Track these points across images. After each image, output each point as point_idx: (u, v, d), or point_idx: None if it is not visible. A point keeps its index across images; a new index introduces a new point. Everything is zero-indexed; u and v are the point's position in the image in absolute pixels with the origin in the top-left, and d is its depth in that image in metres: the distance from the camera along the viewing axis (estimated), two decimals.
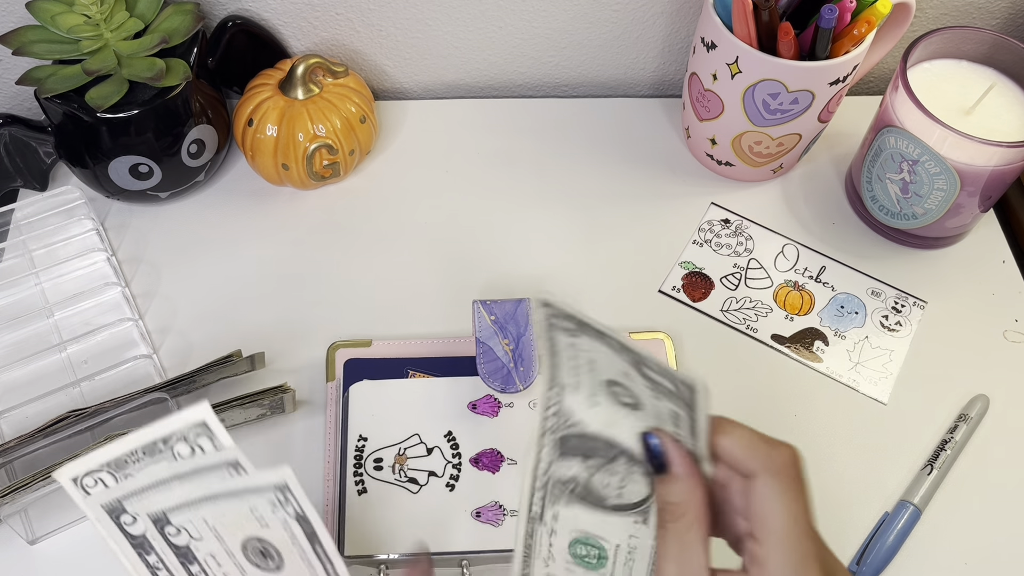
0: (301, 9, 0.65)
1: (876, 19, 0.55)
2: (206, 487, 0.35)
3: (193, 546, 0.37)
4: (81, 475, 0.36)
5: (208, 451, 0.35)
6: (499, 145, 0.68)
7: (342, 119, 0.61)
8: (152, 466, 0.35)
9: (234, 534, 0.36)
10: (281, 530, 0.36)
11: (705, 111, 0.62)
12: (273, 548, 0.37)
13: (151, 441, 0.35)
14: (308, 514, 0.35)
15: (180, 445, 0.35)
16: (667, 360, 0.56)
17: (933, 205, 0.58)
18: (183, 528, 0.36)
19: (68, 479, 0.36)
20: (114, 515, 0.36)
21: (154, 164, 0.59)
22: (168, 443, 0.35)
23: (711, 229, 0.64)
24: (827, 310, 0.60)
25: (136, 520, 0.36)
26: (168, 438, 0.35)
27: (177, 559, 0.37)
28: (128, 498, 0.36)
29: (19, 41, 0.55)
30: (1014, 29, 0.70)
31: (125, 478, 0.36)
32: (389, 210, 0.64)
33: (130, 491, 0.35)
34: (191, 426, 0.35)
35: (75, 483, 0.36)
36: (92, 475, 0.36)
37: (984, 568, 0.50)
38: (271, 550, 0.37)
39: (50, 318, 0.58)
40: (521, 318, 0.54)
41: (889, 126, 0.57)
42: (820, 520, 0.51)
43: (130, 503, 0.36)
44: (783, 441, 0.34)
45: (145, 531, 0.36)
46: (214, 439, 0.35)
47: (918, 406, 0.56)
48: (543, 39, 0.69)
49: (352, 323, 0.58)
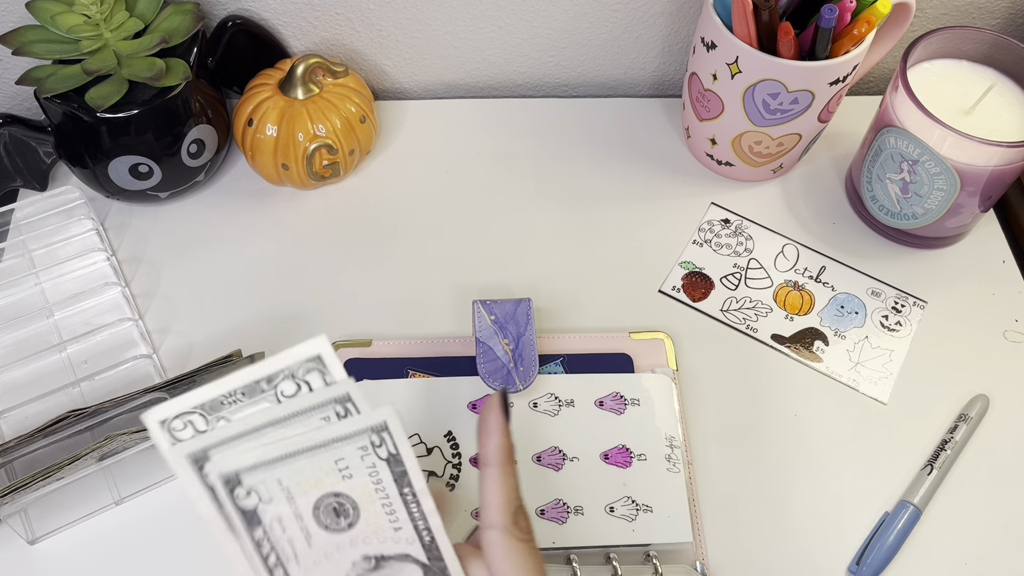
0: (301, 9, 0.65)
1: (876, 19, 0.55)
2: (292, 443, 0.32)
3: (260, 509, 0.33)
4: (171, 417, 0.32)
5: (316, 387, 0.32)
6: (499, 145, 0.68)
7: (342, 119, 0.61)
8: (249, 408, 0.32)
9: (308, 493, 0.33)
10: (366, 477, 0.33)
11: (705, 111, 0.62)
12: (350, 503, 0.34)
13: (254, 380, 0.32)
14: (402, 453, 0.32)
15: (286, 383, 0.32)
16: (668, 360, 0.56)
17: (933, 205, 0.58)
18: (254, 490, 0.33)
19: (155, 421, 0.32)
20: (197, 465, 0.32)
21: (154, 164, 0.59)
22: (272, 382, 0.32)
23: (711, 229, 0.64)
24: (827, 310, 0.60)
25: (250, 494, 0.33)
26: (274, 376, 0.32)
27: (242, 522, 0.34)
28: (216, 447, 0.32)
29: (19, 41, 0.55)
30: (1014, 29, 0.70)
31: (217, 422, 0.32)
32: (389, 210, 0.64)
33: (219, 439, 0.32)
34: (302, 362, 0.32)
35: (162, 426, 0.32)
36: (182, 417, 0.32)
37: (984, 568, 0.50)
38: (347, 505, 0.34)
39: (50, 318, 0.58)
40: (521, 318, 0.54)
41: (889, 126, 0.57)
42: (820, 520, 0.52)
43: (217, 452, 0.32)
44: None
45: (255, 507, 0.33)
46: (325, 374, 0.32)
47: (918, 406, 0.56)
48: (543, 39, 0.69)
49: (352, 323, 0.58)
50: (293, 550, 0.34)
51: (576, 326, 0.58)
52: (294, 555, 0.34)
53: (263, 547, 0.34)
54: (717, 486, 0.52)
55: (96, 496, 0.51)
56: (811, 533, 0.51)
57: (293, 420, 0.32)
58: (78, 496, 0.50)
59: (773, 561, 0.50)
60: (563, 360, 0.55)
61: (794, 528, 0.51)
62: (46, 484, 0.46)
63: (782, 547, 0.51)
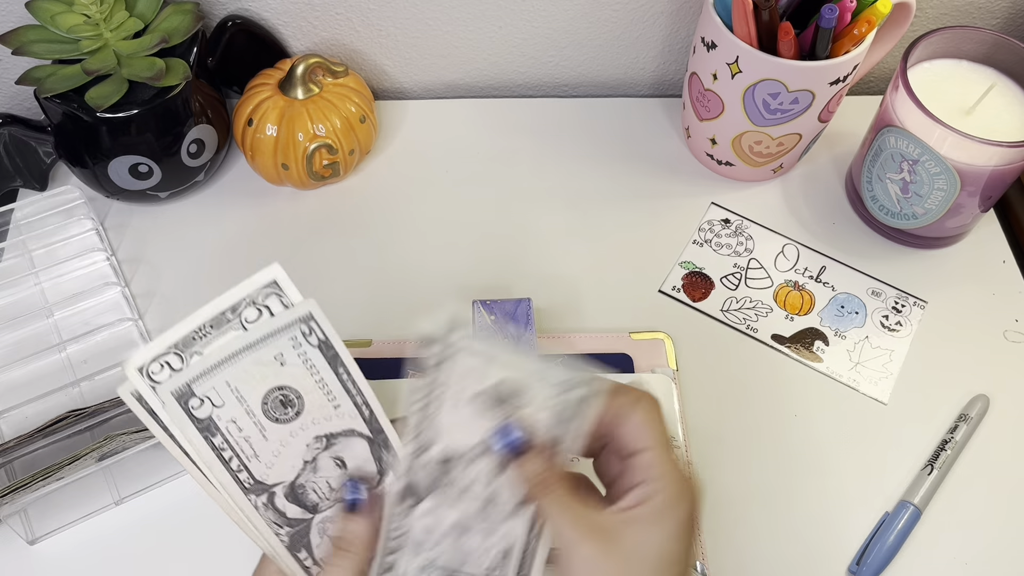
0: (301, 9, 0.65)
1: (876, 19, 0.55)
2: (232, 345, 0.34)
3: (215, 415, 0.35)
4: (148, 362, 0.34)
5: (277, 311, 0.35)
6: (499, 145, 0.68)
7: (342, 119, 0.61)
8: (219, 339, 0.34)
9: (255, 388, 0.36)
10: (302, 366, 0.35)
11: (705, 111, 0.62)
12: (293, 392, 0.36)
13: (219, 312, 0.34)
14: (330, 337, 0.35)
15: (248, 310, 0.35)
16: (668, 361, 0.56)
17: (933, 205, 0.58)
18: (206, 397, 0.35)
19: (134, 370, 0.34)
20: (183, 401, 0.34)
21: (154, 164, 0.59)
22: (237, 311, 0.35)
23: (711, 229, 0.64)
24: (827, 310, 0.60)
25: (203, 403, 0.35)
26: (237, 305, 0.35)
27: (200, 435, 0.36)
28: (198, 380, 0.34)
29: (19, 41, 0.55)
30: (1014, 29, 0.70)
31: (191, 358, 0.34)
32: (389, 210, 0.64)
33: (199, 372, 0.34)
34: (260, 288, 0.35)
35: (141, 373, 0.34)
36: (159, 359, 0.34)
37: (985, 569, 0.50)
38: (291, 396, 0.36)
39: (50, 318, 0.58)
40: (521, 318, 0.54)
41: (889, 126, 0.57)
42: (821, 520, 0.52)
43: (198, 385, 0.34)
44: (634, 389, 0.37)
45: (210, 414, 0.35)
46: (283, 297, 0.35)
47: (918, 406, 0.56)
48: (543, 39, 0.69)
49: (352, 323, 0.58)
50: (252, 449, 0.36)
51: (576, 326, 0.58)
52: (254, 453, 0.36)
53: (224, 453, 0.36)
54: (717, 486, 0.52)
55: (96, 496, 0.51)
56: (811, 533, 0.51)
57: (265, 342, 0.35)
58: (78, 496, 0.50)
59: (773, 561, 0.50)
60: (563, 360, 0.55)
61: (794, 528, 0.51)
62: (46, 484, 0.46)
63: (782, 547, 0.51)
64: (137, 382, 0.34)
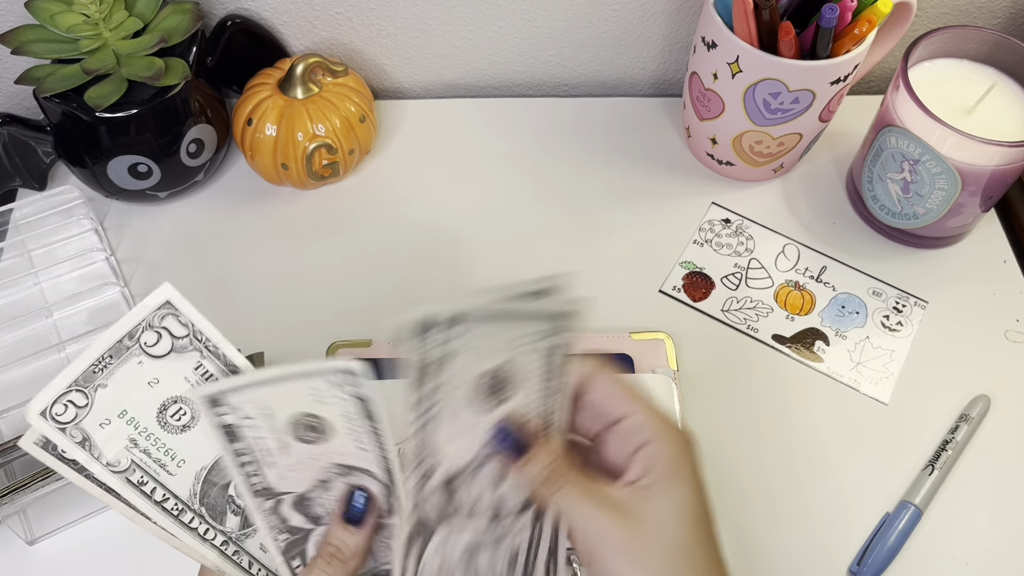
0: (301, 8, 0.64)
1: (877, 18, 0.55)
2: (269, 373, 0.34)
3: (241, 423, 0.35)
4: (49, 404, 0.33)
5: (176, 331, 0.35)
6: (499, 145, 0.68)
7: (341, 118, 0.60)
8: (120, 368, 0.34)
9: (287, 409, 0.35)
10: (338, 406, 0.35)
11: (706, 110, 0.62)
12: (324, 423, 0.36)
13: (116, 341, 0.34)
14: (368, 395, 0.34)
15: (147, 334, 0.34)
16: (668, 361, 0.56)
17: (934, 205, 0.58)
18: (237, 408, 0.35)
19: (36, 415, 0.33)
20: (210, 405, 0.34)
21: (153, 164, 0.59)
22: (134, 336, 0.34)
23: (712, 229, 0.64)
24: (828, 310, 0.60)
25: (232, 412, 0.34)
26: (133, 331, 0.34)
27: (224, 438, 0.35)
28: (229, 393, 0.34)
29: (18, 40, 0.55)
30: (1015, 28, 0.69)
31: (95, 392, 0.34)
32: (389, 210, 0.64)
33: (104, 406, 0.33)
34: (154, 311, 0.34)
35: (45, 416, 0.33)
36: (61, 400, 0.33)
37: (986, 569, 0.50)
38: (321, 425, 0.36)
39: (49, 318, 0.58)
40: None
41: (890, 125, 0.57)
42: (821, 520, 0.51)
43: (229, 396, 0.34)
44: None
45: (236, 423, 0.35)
46: (180, 316, 0.34)
47: (919, 406, 0.56)
48: (543, 38, 0.68)
49: (352, 323, 0.58)
50: (272, 457, 0.36)
51: None
52: (272, 462, 0.36)
53: (244, 457, 0.36)
54: (717, 486, 0.52)
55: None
56: (812, 533, 0.51)
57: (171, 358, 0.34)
58: (78, 496, 0.50)
59: (773, 561, 0.50)
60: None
61: (795, 528, 0.51)
62: (45, 484, 0.46)
63: (783, 547, 0.50)
64: (41, 426, 0.33)
